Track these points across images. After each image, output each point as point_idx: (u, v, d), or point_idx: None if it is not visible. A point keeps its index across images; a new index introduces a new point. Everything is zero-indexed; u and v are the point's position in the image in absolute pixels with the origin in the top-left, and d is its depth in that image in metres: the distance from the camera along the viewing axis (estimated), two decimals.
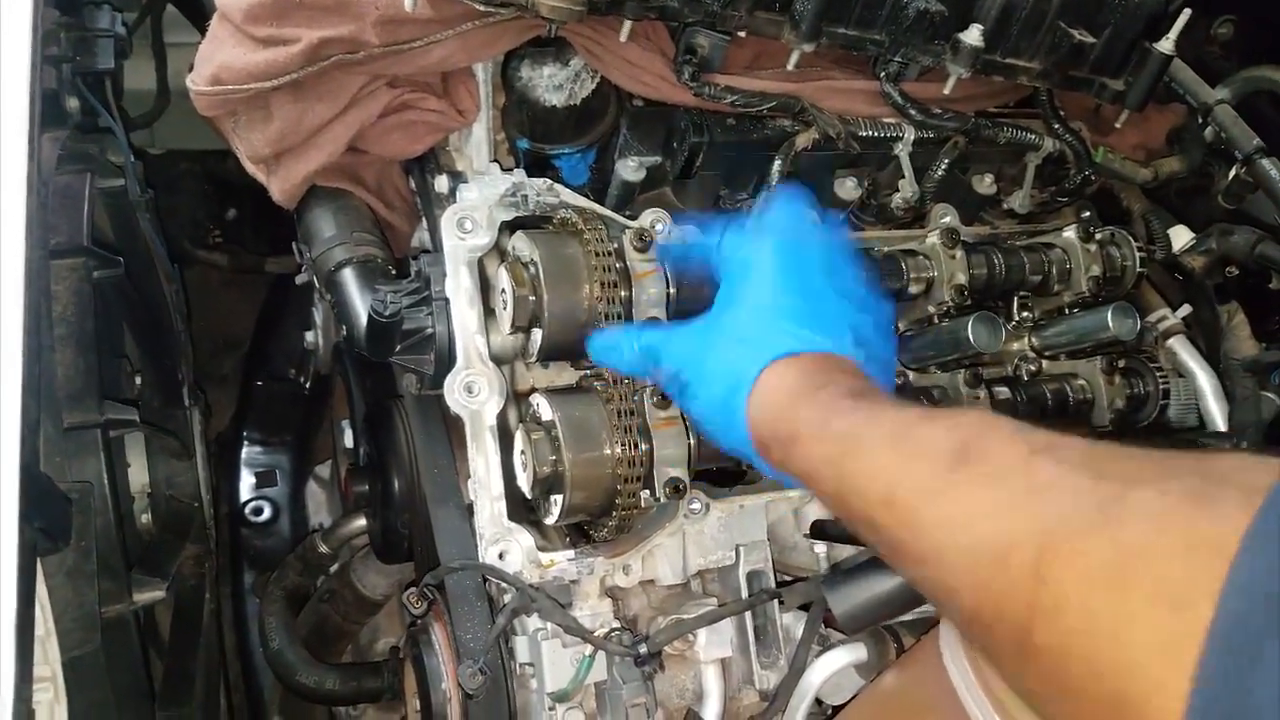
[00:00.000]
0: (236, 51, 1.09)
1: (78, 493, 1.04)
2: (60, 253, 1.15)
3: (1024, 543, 0.56)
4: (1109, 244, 1.35)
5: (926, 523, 0.64)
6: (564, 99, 1.19)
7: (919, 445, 0.68)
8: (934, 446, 0.67)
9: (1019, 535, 0.57)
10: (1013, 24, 1.20)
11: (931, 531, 0.64)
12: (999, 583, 0.57)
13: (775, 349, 0.85)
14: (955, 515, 0.62)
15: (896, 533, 0.68)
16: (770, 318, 0.89)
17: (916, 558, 0.66)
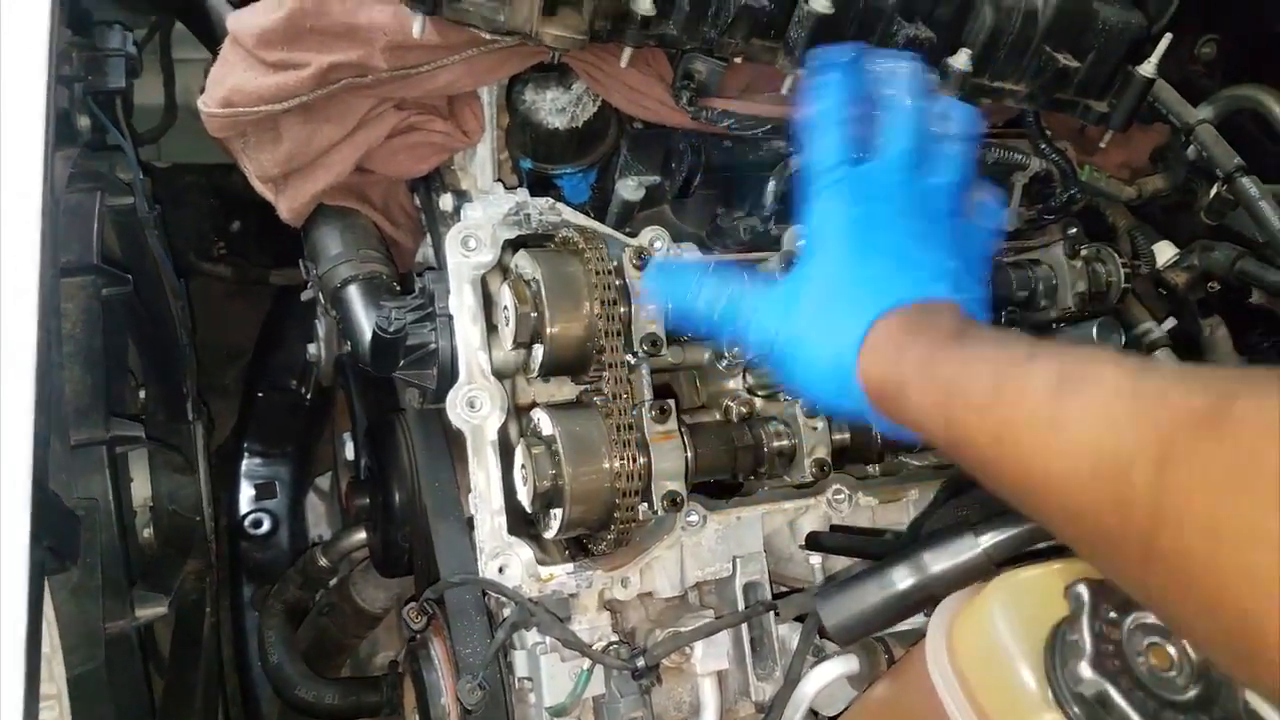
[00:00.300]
0: (248, 75, 1.12)
1: (84, 510, 1.05)
2: (70, 270, 1.17)
3: (1143, 454, 0.58)
4: (1094, 260, 1.39)
5: (1040, 453, 0.65)
6: (566, 121, 1.22)
7: (1020, 380, 0.69)
8: (1035, 379, 0.68)
9: (1138, 447, 0.58)
10: (1000, 49, 1.23)
11: (1046, 461, 0.65)
12: (1123, 496, 0.58)
13: (878, 304, 0.85)
14: (1069, 441, 0.63)
15: (1011, 469, 0.68)
16: (867, 273, 0.89)
17: (1037, 491, 0.67)
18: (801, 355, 0.90)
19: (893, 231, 0.91)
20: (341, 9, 1.05)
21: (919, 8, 1.18)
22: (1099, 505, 0.60)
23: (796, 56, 1.14)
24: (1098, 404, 0.63)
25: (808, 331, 0.89)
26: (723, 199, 1.33)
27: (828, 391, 0.88)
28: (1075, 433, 0.63)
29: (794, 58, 1.14)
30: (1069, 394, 0.65)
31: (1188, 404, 0.57)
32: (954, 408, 0.74)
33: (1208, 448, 0.54)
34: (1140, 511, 0.57)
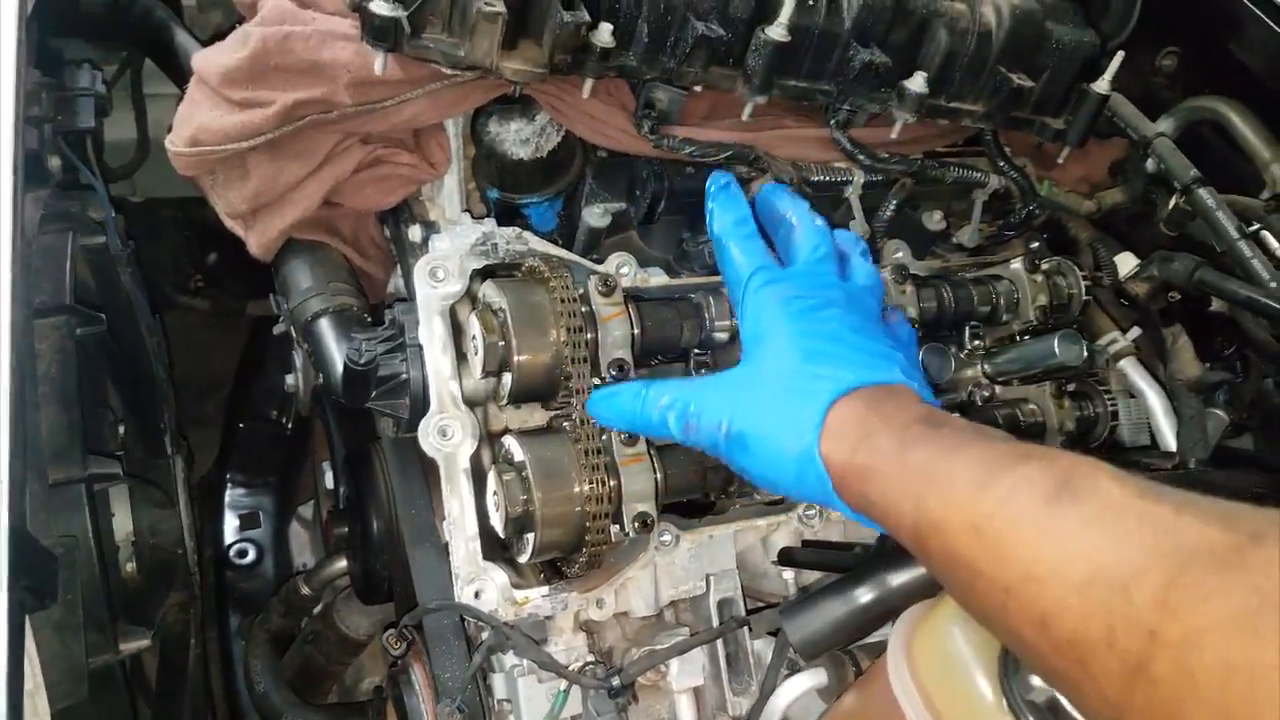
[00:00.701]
0: (214, 114, 1.14)
1: (63, 548, 1.07)
2: (44, 311, 1.18)
3: (1148, 574, 0.56)
4: (1055, 274, 1.41)
5: (1021, 552, 0.64)
6: (530, 152, 1.24)
7: (1013, 478, 0.68)
8: (1030, 480, 0.67)
9: (1143, 566, 0.57)
10: (955, 70, 1.26)
11: (1028, 561, 0.63)
12: (1115, 611, 0.57)
13: (834, 387, 0.85)
14: (1060, 546, 0.62)
15: (980, 562, 0.67)
16: (817, 359, 0.89)
17: (1002, 585, 0.65)
18: (759, 444, 0.88)
19: (833, 322, 0.94)
20: (304, 47, 1.07)
21: (874, 33, 1.21)
22: (1084, 617, 0.59)
23: (756, 84, 1.17)
24: (1099, 514, 0.62)
25: (763, 420, 0.88)
26: (688, 224, 1.36)
27: (788, 478, 0.87)
28: (1070, 538, 0.62)
29: (753, 85, 1.17)
30: (1068, 500, 0.64)
31: (1205, 534, 0.56)
32: (928, 496, 0.73)
33: (1229, 583, 0.53)
34: (1134, 631, 0.56)
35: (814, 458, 0.84)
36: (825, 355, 0.90)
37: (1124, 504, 0.62)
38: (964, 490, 0.71)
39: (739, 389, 0.92)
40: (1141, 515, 0.60)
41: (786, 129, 1.29)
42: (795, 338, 0.92)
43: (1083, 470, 0.66)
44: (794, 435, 0.85)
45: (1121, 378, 1.51)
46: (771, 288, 0.98)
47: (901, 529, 0.77)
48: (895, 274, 1.28)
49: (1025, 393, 1.39)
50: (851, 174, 1.32)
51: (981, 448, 0.73)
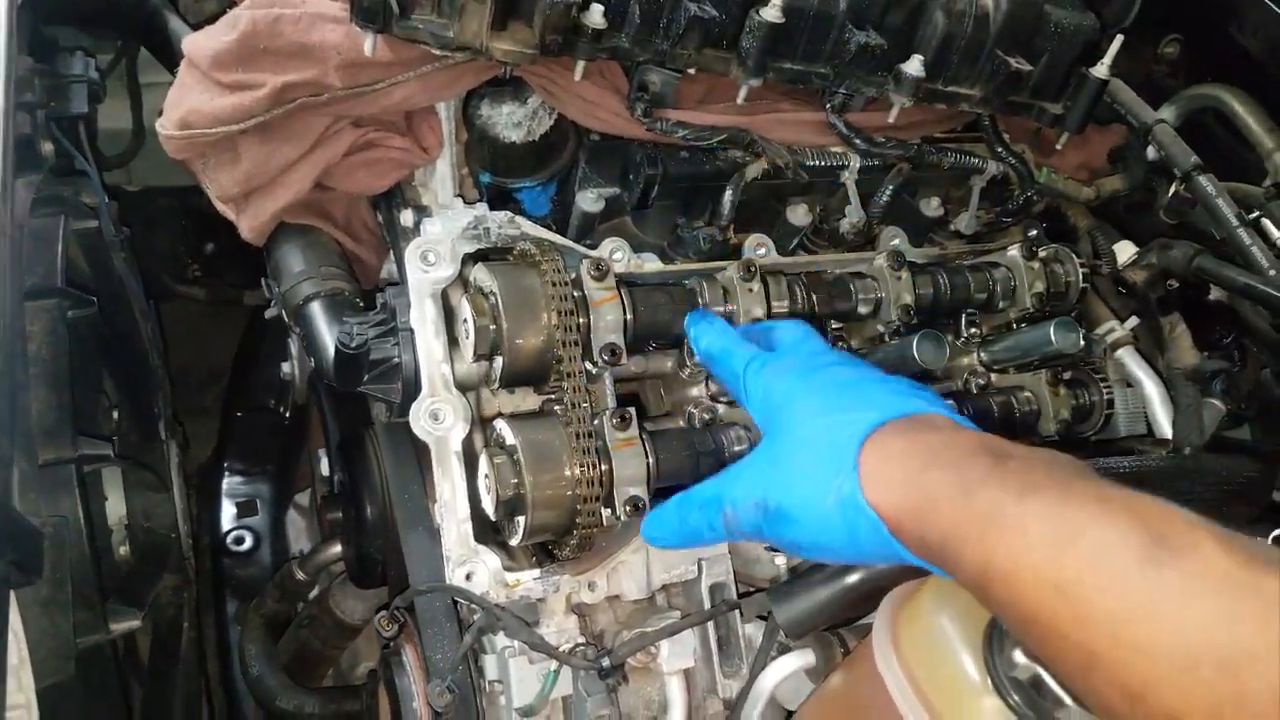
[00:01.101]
0: (204, 97, 1.14)
1: (52, 527, 1.07)
2: (35, 294, 1.18)
3: (1265, 661, 0.53)
4: (1052, 261, 1.41)
5: (1116, 619, 0.59)
6: (523, 135, 1.24)
7: (1100, 533, 0.62)
8: (1123, 536, 0.61)
9: (1258, 649, 0.54)
10: (952, 54, 1.25)
11: (1121, 628, 0.59)
12: (1223, 694, 0.54)
13: (862, 425, 0.78)
14: (1161, 616, 0.58)
15: (1062, 624, 0.62)
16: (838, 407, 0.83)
17: (1088, 651, 0.61)
18: (800, 511, 0.81)
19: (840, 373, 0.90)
20: (294, 29, 1.07)
21: (869, 15, 1.20)
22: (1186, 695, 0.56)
23: (750, 66, 1.16)
24: (1203, 583, 0.57)
25: (797, 485, 0.81)
26: (683, 209, 1.35)
27: (840, 537, 0.78)
28: (1172, 609, 0.57)
29: (748, 67, 1.16)
30: (1167, 562, 0.58)
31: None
32: (997, 547, 0.66)
33: None
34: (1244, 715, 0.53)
35: (860, 506, 0.76)
36: (843, 404, 0.83)
37: (1231, 574, 0.57)
38: (1042, 546, 0.64)
39: (767, 465, 0.86)
40: (1253, 590, 0.56)
41: (782, 113, 1.28)
42: (808, 397, 0.87)
43: (1178, 527, 0.60)
44: (832, 489, 0.77)
45: (1119, 367, 1.51)
46: (771, 365, 0.95)
47: (966, 574, 0.70)
48: (890, 260, 1.28)
49: (1021, 380, 1.38)
50: (848, 159, 1.31)
51: (1058, 491, 0.66)
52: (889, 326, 1.28)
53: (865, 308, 1.28)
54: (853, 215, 1.31)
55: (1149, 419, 1.47)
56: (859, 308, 1.28)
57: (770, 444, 0.88)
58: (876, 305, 1.28)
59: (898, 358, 1.23)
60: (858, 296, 1.27)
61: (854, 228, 1.31)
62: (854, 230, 1.31)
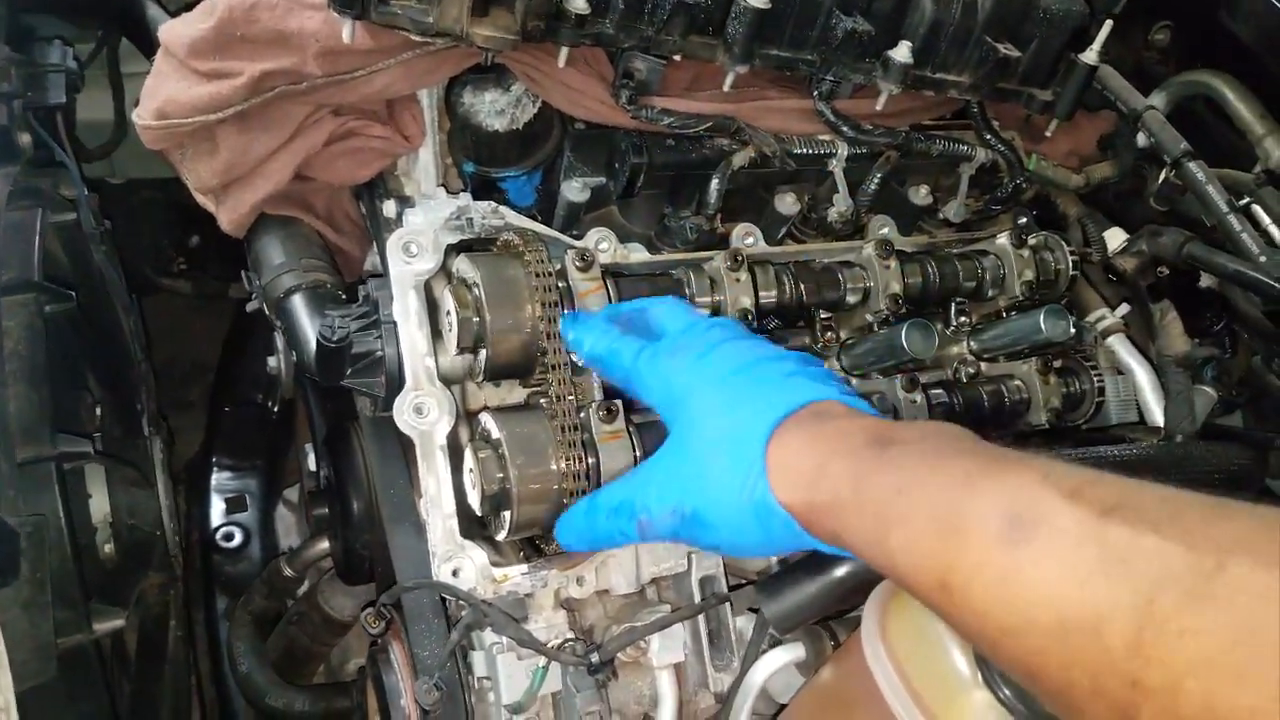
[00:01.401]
0: (180, 85, 1.12)
1: (31, 526, 1.05)
2: (11, 288, 1.16)
3: (1116, 614, 0.53)
4: (1042, 249, 1.40)
5: (991, 605, 0.60)
6: (506, 123, 1.22)
7: (962, 522, 0.63)
8: (983, 520, 0.62)
9: (1108, 606, 0.54)
10: (940, 40, 1.24)
11: (999, 613, 0.60)
12: (1092, 658, 0.54)
13: (766, 421, 0.79)
14: (1024, 593, 0.58)
15: (960, 616, 0.63)
16: (740, 404, 0.83)
17: (989, 639, 0.62)
18: (715, 515, 0.82)
19: (731, 355, 0.89)
20: (271, 16, 1.05)
21: (857, 1, 1.19)
22: (1065, 665, 0.56)
23: (736, 53, 1.15)
24: (1056, 553, 0.58)
25: (708, 490, 0.82)
26: (669, 198, 1.34)
27: (755, 538, 0.81)
28: (1032, 585, 0.58)
29: (734, 54, 1.15)
30: (1021, 537, 0.59)
31: (1167, 564, 0.53)
32: (891, 543, 0.68)
33: (1198, 619, 0.50)
34: (1117, 680, 0.53)
35: (772, 508, 0.78)
36: (741, 396, 0.84)
37: (1080, 534, 0.57)
38: (923, 541, 0.66)
39: (675, 467, 0.87)
40: (1099, 544, 0.56)
41: (769, 100, 1.26)
42: (706, 391, 0.87)
43: (1030, 495, 0.61)
44: (744, 492, 0.79)
45: (1109, 354, 1.50)
46: (662, 355, 0.94)
47: (883, 571, 0.72)
48: (879, 249, 1.27)
49: (1011, 369, 1.37)
50: (835, 147, 1.30)
51: (930, 475, 0.68)
52: (878, 316, 1.27)
53: (854, 297, 1.27)
54: (841, 204, 1.29)
55: (1140, 406, 1.47)
56: (848, 297, 1.27)
57: (677, 446, 0.88)
58: (865, 294, 1.27)
59: (886, 347, 1.22)
60: (846, 286, 1.26)
61: (842, 216, 1.30)
62: (842, 219, 1.30)
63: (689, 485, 0.84)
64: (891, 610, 0.77)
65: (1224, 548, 0.52)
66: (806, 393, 0.82)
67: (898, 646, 0.74)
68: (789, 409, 0.80)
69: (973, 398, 1.30)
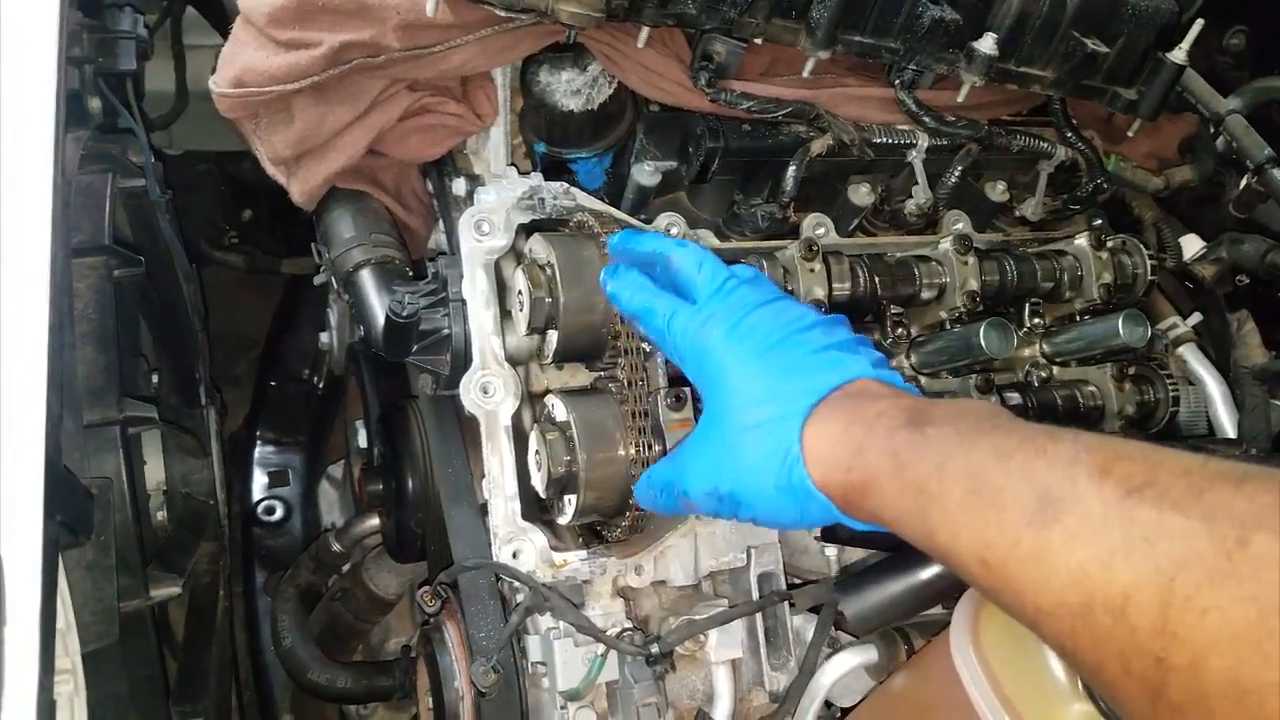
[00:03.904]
0: (259, 54, 1.11)
1: (97, 488, 1.05)
2: (82, 251, 1.16)
3: (1140, 593, 0.54)
4: (1120, 252, 1.36)
5: (1026, 585, 0.62)
6: (581, 104, 1.20)
7: (998, 498, 0.64)
8: (1015, 500, 0.63)
9: (1132, 585, 0.55)
10: (1027, 33, 1.20)
11: (1033, 593, 0.61)
12: (1120, 637, 0.55)
13: (802, 405, 0.81)
14: (1055, 574, 0.59)
15: (1001, 593, 0.65)
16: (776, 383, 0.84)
17: (1029, 619, 0.63)
18: (752, 496, 0.84)
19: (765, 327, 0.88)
20: None
21: None
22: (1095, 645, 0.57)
23: (819, 37, 1.12)
24: (1083, 534, 0.59)
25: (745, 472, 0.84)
26: (741, 185, 1.31)
27: (793, 517, 0.83)
28: (1061, 566, 0.59)
29: (816, 39, 1.12)
30: (1050, 517, 0.60)
31: (1189, 542, 0.53)
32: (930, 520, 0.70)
33: (1220, 595, 0.51)
34: (1144, 659, 0.54)
35: (808, 490, 0.80)
36: (775, 379, 0.85)
37: (1106, 514, 0.58)
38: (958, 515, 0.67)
39: (712, 451, 0.88)
40: (1125, 524, 0.57)
41: (848, 87, 1.24)
42: (740, 367, 0.87)
43: (1060, 476, 0.62)
44: (780, 476, 0.81)
45: (1180, 364, 1.46)
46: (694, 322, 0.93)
47: (924, 547, 0.73)
48: (957, 245, 1.23)
49: (1085, 374, 1.33)
50: (916, 137, 1.26)
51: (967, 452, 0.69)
52: (952, 313, 1.24)
53: (929, 293, 1.24)
54: (920, 196, 1.26)
55: (1210, 419, 1.42)
56: (923, 292, 1.24)
57: (713, 428, 0.89)
58: (941, 290, 1.24)
59: (961, 345, 1.19)
60: (922, 281, 1.23)
61: (920, 209, 1.27)
62: (919, 212, 1.27)
63: (725, 469, 0.86)
64: (985, 614, 0.74)
65: (1247, 523, 0.52)
66: (841, 372, 0.83)
67: (991, 653, 0.72)
68: (824, 392, 0.82)
69: (1048, 402, 1.27)
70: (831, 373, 0.83)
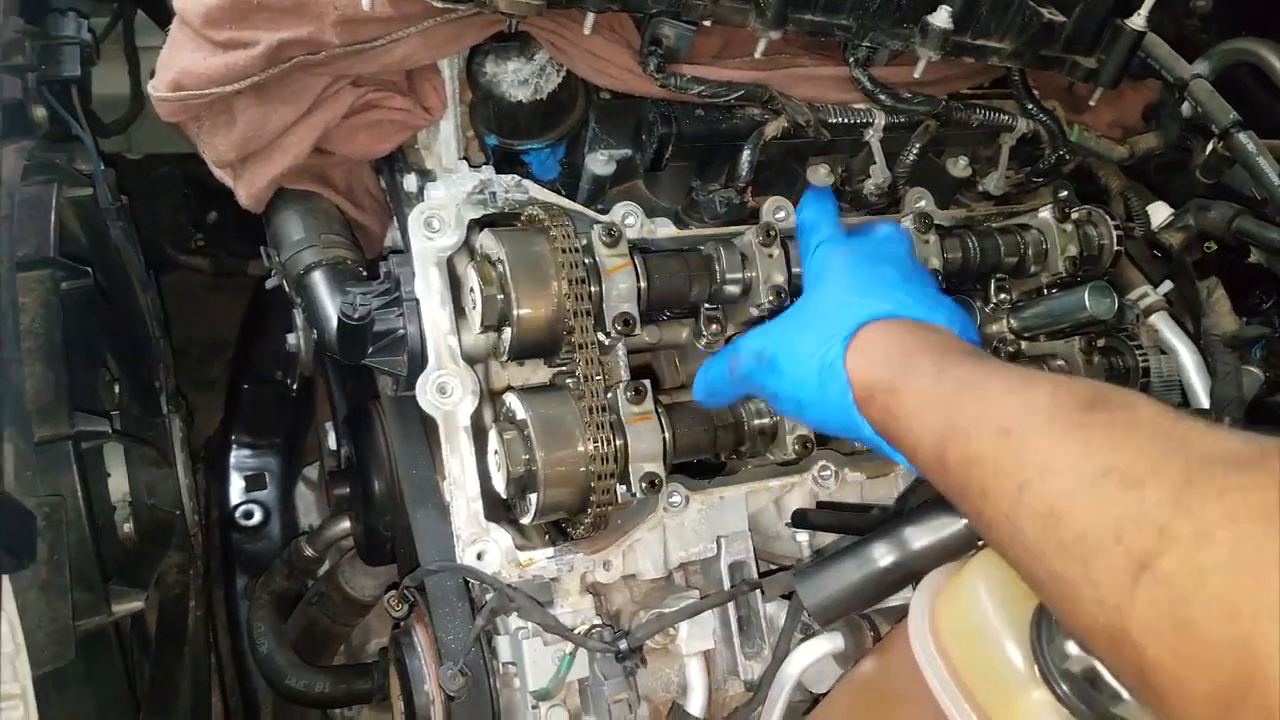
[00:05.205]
0: (196, 56, 1.08)
1: (48, 506, 1.03)
2: (26, 264, 1.14)
3: (1164, 473, 0.57)
4: (1086, 223, 1.34)
5: (1043, 448, 0.65)
6: (530, 94, 1.17)
7: (1051, 386, 0.69)
8: (1070, 390, 0.68)
9: (1158, 466, 0.57)
10: (981, 4, 1.18)
11: (1046, 455, 0.64)
12: (1125, 505, 0.57)
13: (870, 310, 0.89)
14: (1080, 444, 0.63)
15: (1002, 459, 0.68)
16: (862, 293, 0.93)
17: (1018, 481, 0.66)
18: (788, 362, 0.92)
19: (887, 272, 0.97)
20: None
21: None
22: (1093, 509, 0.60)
23: (770, 17, 1.09)
24: (1126, 423, 0.63)
25: (795, 340, 0.92)
26: (698, 171, 1.29)
27: (810, 390, 0.89)
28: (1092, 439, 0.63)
29: (767, 19, 1.10)
30: (1100, 409, 0.65)
31: (1227, 444, 0.58)
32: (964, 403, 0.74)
33: (1246, 480, 0.53)
34: (1144, 527, 0.56)
35: (838, 371, 0.86)
36: (869, 289, 0.93)
37: (1153, 420, 0.62)
38: (998, 396, 0.72)
39: (782, 321, 0.98)
40: (1168, 430, 0.61)
41: (802, 68, 1.21)
42: (843, 276, 0.97)
43: (1120, 391, 0.68)
44: (820, 348, 0.88)
45: (1152, 333, 1.45)
46: (837, 246, 1.04)
47: (922, 445, 0.78)
48: (919, 223, 1.22)
49: (1053, 348, 1.32)
50: (872, 116, 1.24)
51: (1021, 370, 0.76)
52: None
53: None
54: (878, 175, 1.24)
55: (1184, 387, 1.42)
56: None
57: (796, 306, 1.00)
58: None
59: None
60: None
61: (879, 188, 1.25)
62: (879, 191, 1.25)
63: (781, 334, 0.96)
64: (942, 600, 0.73)
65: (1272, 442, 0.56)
66: (931, 313, 0.90)
67: (949, 640, 0.71)
68: (899, 313, 0.89)
69: None
70: (920, 309, 0.90)
